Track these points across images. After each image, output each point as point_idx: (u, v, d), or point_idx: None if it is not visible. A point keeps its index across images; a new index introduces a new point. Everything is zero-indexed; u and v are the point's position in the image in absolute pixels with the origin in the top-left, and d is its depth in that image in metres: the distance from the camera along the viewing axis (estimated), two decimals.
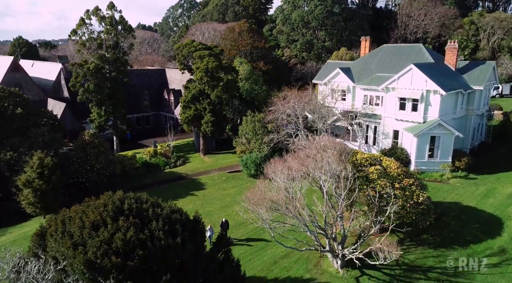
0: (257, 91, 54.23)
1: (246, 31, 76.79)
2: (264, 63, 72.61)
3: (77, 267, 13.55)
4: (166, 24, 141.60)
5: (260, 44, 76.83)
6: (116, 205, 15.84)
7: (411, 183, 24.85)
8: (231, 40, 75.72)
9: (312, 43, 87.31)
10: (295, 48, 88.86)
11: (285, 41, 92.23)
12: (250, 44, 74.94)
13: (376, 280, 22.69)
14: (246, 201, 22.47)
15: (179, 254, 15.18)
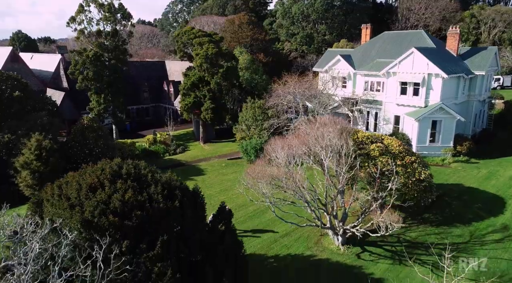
0: (257, 81, 53.97)
1: (246, 23, 76.58)
2: (264, 55, 72.38)
3: (73, 227, 13.27)
4: (166, 19, 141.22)
5: (260, 36, 76.63)
6: (114, 169, 15.56)
7: (413, 160, 24.60)
8: (231, 32, 75.50)
9: (312, 36, 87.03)
10: (295, 42, 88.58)
11: (285, 34, 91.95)
12: (250, 36, 74.72)
13: (377, 256, 22.43)
14: (246, 176, 22.24)
15: (178, 219, 14.91)
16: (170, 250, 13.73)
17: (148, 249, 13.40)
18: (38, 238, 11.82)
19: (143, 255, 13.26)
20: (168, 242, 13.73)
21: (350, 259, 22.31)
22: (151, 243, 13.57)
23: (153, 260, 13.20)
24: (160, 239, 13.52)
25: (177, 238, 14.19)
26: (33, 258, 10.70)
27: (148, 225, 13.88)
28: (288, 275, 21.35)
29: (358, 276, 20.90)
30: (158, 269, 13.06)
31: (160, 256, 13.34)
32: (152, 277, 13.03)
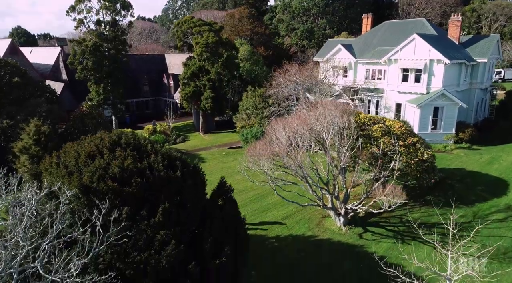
0: (257, 72, 53.70)
1: (246, 17, 76.29)
2: (264, 48, 72.07)
3: (73, 188, 13.00)
4: (166, 16, 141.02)
5: (261, 30, 76.32)
6: (113, 139, 15.33)
7: (415, 141, 24.36)
8: (231, 26, 75.16)
9: (312, 31, 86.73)
10: (295, 36, 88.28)
11: (285, 29, 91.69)
12: (250, 29, 74.40)
13: (379, 236, 22.20)
14: (247, 154, 22.03)
15: (179, 188, 14.64)
16: (172, 219, 13.46)
17: (148, 217, 13.15)
18: (36, 200, 11.59)
19: (143, 223, 13.01)
20: (169, 211, 13.47)
21: (352, 239, 22.08)
22: (152, 211, 13.32)
23: (155, 227, 12.94)
24: (162, 207, 13.26)
25: (177, 206, 13.92)
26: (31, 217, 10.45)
27: (149, 193, 13.62)
28: (289, 254, 21.11)
29: (359, 254, 20.67)
30: (160, 237, 12.79)
31: (161, 224, 13.08)
32: (155, 245, 12.77)
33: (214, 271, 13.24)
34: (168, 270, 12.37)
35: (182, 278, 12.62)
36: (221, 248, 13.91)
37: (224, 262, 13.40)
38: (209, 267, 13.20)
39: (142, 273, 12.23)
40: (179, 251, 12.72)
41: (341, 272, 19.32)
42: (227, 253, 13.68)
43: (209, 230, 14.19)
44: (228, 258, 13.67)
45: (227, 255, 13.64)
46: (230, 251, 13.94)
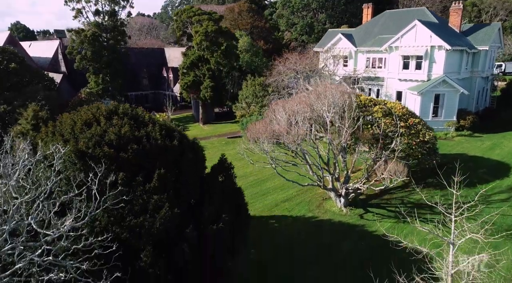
0: (257, 63, 53.43)
1: (246, 10, 76.07)
2: (264, 42, 71.80)
3: (67, 159, 12.74)
4: (166, 13, 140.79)
5: (260, 24, 76.07)
6: (110, 108, 15.05)
7: (416, 122, 24.10)
8: (230, 19, 74.91)
9: (312, 26, 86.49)
10: (295, 31, 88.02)
11: (284, 24, 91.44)
12: (250, 23, 74.16)
13: (380, 216, 21.94)
14: (248, 133, 21.78)
15: (177, 158, 14.37)
16: (168, 185, 13.19)
17: (144, 183, 12.88)
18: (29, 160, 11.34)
19: (139, 188, 12.74)
20: (165, 177, 13.20)
21: (353, 219, 21.81)
22: (148, 177, 13.05)
23: (150, 192, 12.68)
24: (157, 172, 12.99)
25: (175, 173, 13.65)
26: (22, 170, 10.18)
27: (145, 160, 13.34)
28: (289, 234, 20.84)
29: (360, 233, 20.41)
30: (154, 201, 12.53)
31: (156, 189, 12.82)
32: (149, 210, 12.51)
33: (211, 238, 12.95)
34: (163, 233, 12.09)
35: (179, 242, 12.34)
36: (220, 217, 13.63)
37: (222, 228, 13.12)
38: (207, 234, 12.92)
39: (137, 236, 11.97)
40: (173, 215, 12.43)
41: (341, 251, 19.04)
42: (225, 219, 13.40)
43: (207, 200, 13.91)
44: (226, 225, 13.39)
45: (225, 222, 13.37)
46: (228, 219, 13.65)
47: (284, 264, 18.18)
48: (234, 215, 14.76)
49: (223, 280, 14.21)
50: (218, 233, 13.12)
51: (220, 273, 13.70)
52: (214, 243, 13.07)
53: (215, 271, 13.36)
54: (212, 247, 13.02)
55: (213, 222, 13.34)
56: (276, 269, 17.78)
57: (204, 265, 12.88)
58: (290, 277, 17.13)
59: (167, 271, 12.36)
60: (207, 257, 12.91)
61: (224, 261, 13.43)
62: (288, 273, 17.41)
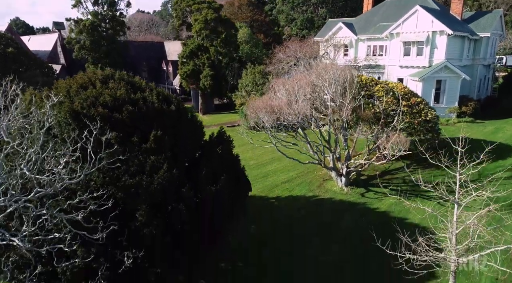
0: (257, 55, 53.14)
1: (246, 4, 75.85)
2: (264, 36, 71.51)
3: (62, 119, 12.42)
4: (165, 10, 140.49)
5: (260, 17, 75.87)
6: (106, 73, 14.74)
7: (418, 101, 23.77)
8: (230, 13, 74.55)
9: (312, 20, 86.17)
10: (295, 27, 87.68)
11: (284, 20, 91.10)
12: (250, 17, 73.92)
13: (381, 195, 21.60)
14: (248, 109, 21.49)
15: (174, 123, 14.03)
16: (165, 148, 12.86)
17: (140, 143, 12.55)
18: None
19: (135, 149, 12.41)
20: (162, 139, 12.86)
21: (354, 198, 21.49)
22: (144, 138, 12.72)
23: (146, 152, 12.35)
24: (153, 133, 12.67)
25: (172, 136, 13.32)
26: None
27: (141, 121, 13.01)
28: (289, 212, 20.51)
29: (361, 211, 20.08)
30: (151, 162, 12.20)
31: (153, 150, 12.49)
32: (146, 170, 12.18)
33: (210, 199, 12.62)
34: (160, 193, 11.76)
35: (176, 203, 12.01)
36: (218, 179, 13.30)
37: (220, 190, 12.79)
38: (205, 195, 12.59)
39: (133, 195, 11.64)
40: (171, 175, 12.11)
41: (342, 227, 18.70)
42: (223, 181, 13.06)
43: (206, 163, 13.57)
44: (224, 188, 13.07)
45: (223, 183, 13.03)
46: (226, 182, 13.32)
47: (284, 235, 17.94)
48: (233, 182, 14.44)
49: (222, 242, 13.90)
50: (217, 194, 12.79)
51: (219, 235, 13.38)
52: (212, 205, 12.74)
53: (214, 233, 13.03)
54: (210, 209, 12.68)
55: (211, 183, 13.02)
56: (276, 240, 17.49)
57: (202, 227, 12.54)
58: (290, 251, 16.78)
59: (163, 232, 12.03)
60: (206, 219, 12.57)
61: (223, 223, 13.06)
62: (288, 245, 17.11)
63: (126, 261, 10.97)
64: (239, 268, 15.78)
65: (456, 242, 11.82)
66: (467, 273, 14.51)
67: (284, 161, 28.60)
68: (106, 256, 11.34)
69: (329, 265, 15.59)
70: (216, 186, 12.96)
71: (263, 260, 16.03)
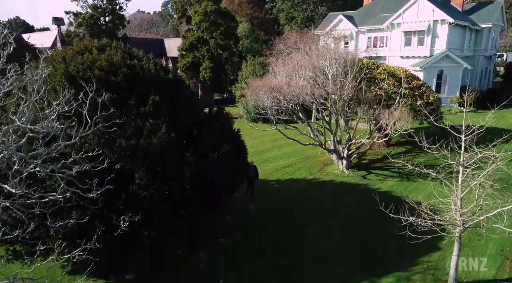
0: (257, 49, 52.95)
1: (246, 2, 75.83)
2: (264, 33, 71.44)
3: (57, 83, 12.13)
4: (166, 10, 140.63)
5: (260, 15, 75.83)
6: (102, 42, 14.48)
7: (420, 84, 23.51)
8: (230, 10, 73.86)
9: (312, 19, 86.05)
10: (295, 25, 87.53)
11: (284, 18, 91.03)
12: (250, 14, 73.89)
13: (383, 176, 21.30)
14: (248, 88, 21.25)
15: (172, 92, 13.75)
16: (164, 113, 12.56)
17: (138, 107, 12.26)
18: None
19: (132, 111, 12.13)
20: (160, 105, 12.57)
21: (355, 180, 21.16)
22: (142, 102, 12.43)
23: (144, 116, 12.06)
24: (151, 97, 12.39)
25: (170, 102, 13.04)
26: None
27: (138, 86, 12.72)
28: (289, 193, 20.19)
29: (363, 191, 19.71)
30: (150, 125, 11.90)
31: (151, 113, 12.20)
32: (144, 133, 11.87)
33: (211, 167, 12.31)
34: (158, 156, 11.46)
35: (176, 169, 11.71)
36: (220, 148, 12.99)
37: (222, 158, 12.49)
38: (206, 162, 12.28)
39: (130, 158, 11.33)
40: (170, 138, 11.81)
41: (342, 206, 18.37)
42: (225, 147, 12.76)
43: (206, 130, 13.27)
44: (226, 156, 12.77)
45: (225, 151, 12.73)
46: (228, 151, 13.02)
47: (284, 211, 17.71)
48: (234, 152, 14.14)
49: (222, 208, 13.61)
50: (218, 162, 12.48)
51: (220, 199, 13.08)
52: (213, 172, 12.42)
53: (215, 197, 12.72)
54: (211, 176, 12.36)
55: (213, 151, 12.72)
56: (276, 216, 17.21)
57: (203, 192, 12.22)
58: (290, 232, 16.45)
59: (162, 197, 11.72)
60: (207, 185, 12.25)
61: (224, 190, 12.73)
62: (288, 223, 16.80)
63: (122, 224, 10.66)
64: (239, 245, 15.44)
65: (461, 205, 11.52)
66: (473, 245, 14.19)
67: (284, 148, 28.38)
68: (102, 219, 11.04)
69: (330, 243, 15.29)
70: (218, 153, 12.65)
71: (263, 240, 15.66)
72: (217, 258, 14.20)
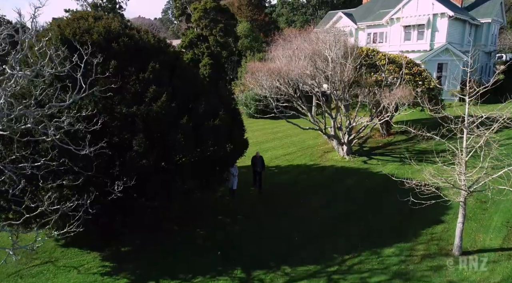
0: (257, 48, 52.83)
1: (246, 4, 75.96)
2: (264, 35, 71.46)
3: (50, 46, 11.87)
4: (166, 15, 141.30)
5: (260, 17, 75.91)
6: (99, 13, 14.27)
7: (421, 70, 23.33)
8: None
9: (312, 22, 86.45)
10: (295, 28, 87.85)
11: (284, 22, 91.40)
12: (250, 17, 73.92)
13: (384, 161, 21.02)
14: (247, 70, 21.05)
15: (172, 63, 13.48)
16: (164, 81, 12.31)
17: (137, 73, 12.01)
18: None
19: (131, 78, 11.87)
20: (160, 73, 12.32)
21: (356, 164, 20.89)
22: (141, 69, 12.17)
23: (144, 82, 11.80)
24: (151, 65, 12.14)
25: (169, 71, 12.80)
26: None
27: (137, 54, 12.49)
28: (290, 176, 19.88)
29: (363, 174, 19.48)
30: (150, 93, 11.63)
31: (151, 80, 11.94)
32: (144, 101, 11.60)
33: (210, 133, 12.03)
34: (157, 122, 11.18)
35: (174, 133, 11.43)
36: (216, 115, 12.72)
37: (219, 124, 12.21)
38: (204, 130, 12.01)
39: (129, 124, 11.06)
40: (171, 107, 11.56)
41: (344, 186, 18.08)
42: (221, 116, 12.49)
43: (204, 99, 13.00)
44: (223, 122, 12.49)
45: (222, 118, 12.46)
46: (224, 116, 12.73)
47: (285, 191, 17.45)
48: (229, 119, 13.83)
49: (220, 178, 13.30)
50: (215, 128, 12.19)
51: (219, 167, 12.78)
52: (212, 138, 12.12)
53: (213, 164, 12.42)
54: (210, 141, 12.05)
55: (210, 118, 12.45)
56: (275, 198, 16.91)
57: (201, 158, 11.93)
58: (289, 205, 16.14)
59: (159, 162, 11.44)
60: (205, 151, 11.96)
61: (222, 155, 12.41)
62: (287, 198, 16.53)
63: (116, 189, 10.34)
64: (238, 221, 15.11)
65: (465, 167, 11.25)
66: (478, 219, 13.85)
67: (284, 140, 28.14)
68: (96, 185, 10.72)
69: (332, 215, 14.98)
70: (214, 120, 12.37)
71: (261, 215, 15.36)
72: (214, 234, 13.83)
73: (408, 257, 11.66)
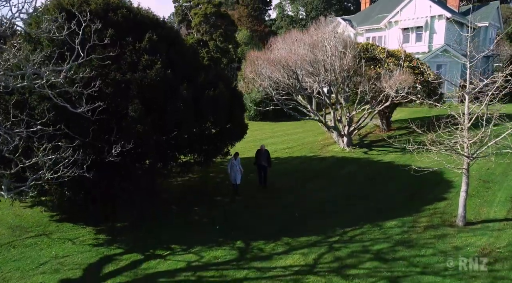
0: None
1: (246, 16, 76.92)
2: (263, 44, 72.14)
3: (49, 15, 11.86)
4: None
5: (260, 28, 76.71)
6: None
7: (420, 63, 23.34)
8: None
9: None
10: None
11: (283, 34, 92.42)
12: (249, 28, 74.75)
13: (385, 152, 20.82)
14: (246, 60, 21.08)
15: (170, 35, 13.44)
16: (160, 52, 12.25)
17: (134, 43, 11.97)
18: None
19: (128, 47, 11.82)
20: (157, 45, 12.28)
21: (357, 155, 20.71)
22: (138, 39, 12.14)
23: (140, 52, 11.75)
24: (148, 35, 12.11)
25: (168, 46, 12.76)
26: None
27: (136, 27, 12.48)
28: (289, 165, 19.70)
29: (364, 163, 19.29)
30: (145, 60, 11.57)
31: (147, 50, 11.90)
32: (139, 69, 11.53)
33: (209, 102, 11.91)
34: (152, 89, 11.07)
35: (172, 101, 11.31)
36: (216, 87, 12.62)
37: (219, 95, 12.10)
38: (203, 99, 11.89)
39: (123, 90, 10.95)
40: (166, 75, 11.47)
41: (345, 171, 17.89)
42: (221, 88, 12.39)
43: (204, 73, 12.93)
44: (223, 93, 12.39)
45: (221, 91, 12.36)
46: (224, 90, 12.64)
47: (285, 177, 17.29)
48: (229, 90, 13.74)
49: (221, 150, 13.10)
50: (215, 98, 12.07)
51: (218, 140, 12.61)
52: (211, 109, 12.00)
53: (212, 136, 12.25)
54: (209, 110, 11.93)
55: (209, 88, 12.35)
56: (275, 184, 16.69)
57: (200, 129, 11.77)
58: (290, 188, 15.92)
59: (155, 130, 11.28)
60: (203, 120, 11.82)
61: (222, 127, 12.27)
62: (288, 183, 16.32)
63: (113, 152, 10.16)
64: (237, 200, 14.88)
65: (467, 133, 11.10)
66: (481, 196, 13.61)
67: (283, 137, 28.01)
68: (92, 148, 10.54)
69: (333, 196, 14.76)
70: (214, 90, 12.27)
71: (261, 196, 15.15)
72: (212, 212, 13.57)
73: (411, 228, 11.41)
